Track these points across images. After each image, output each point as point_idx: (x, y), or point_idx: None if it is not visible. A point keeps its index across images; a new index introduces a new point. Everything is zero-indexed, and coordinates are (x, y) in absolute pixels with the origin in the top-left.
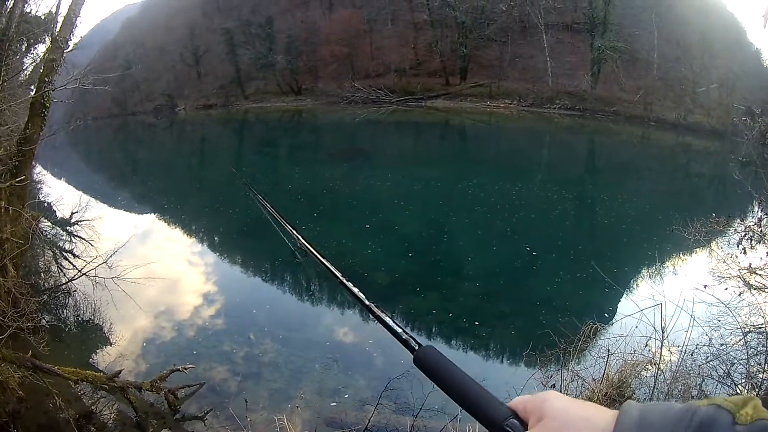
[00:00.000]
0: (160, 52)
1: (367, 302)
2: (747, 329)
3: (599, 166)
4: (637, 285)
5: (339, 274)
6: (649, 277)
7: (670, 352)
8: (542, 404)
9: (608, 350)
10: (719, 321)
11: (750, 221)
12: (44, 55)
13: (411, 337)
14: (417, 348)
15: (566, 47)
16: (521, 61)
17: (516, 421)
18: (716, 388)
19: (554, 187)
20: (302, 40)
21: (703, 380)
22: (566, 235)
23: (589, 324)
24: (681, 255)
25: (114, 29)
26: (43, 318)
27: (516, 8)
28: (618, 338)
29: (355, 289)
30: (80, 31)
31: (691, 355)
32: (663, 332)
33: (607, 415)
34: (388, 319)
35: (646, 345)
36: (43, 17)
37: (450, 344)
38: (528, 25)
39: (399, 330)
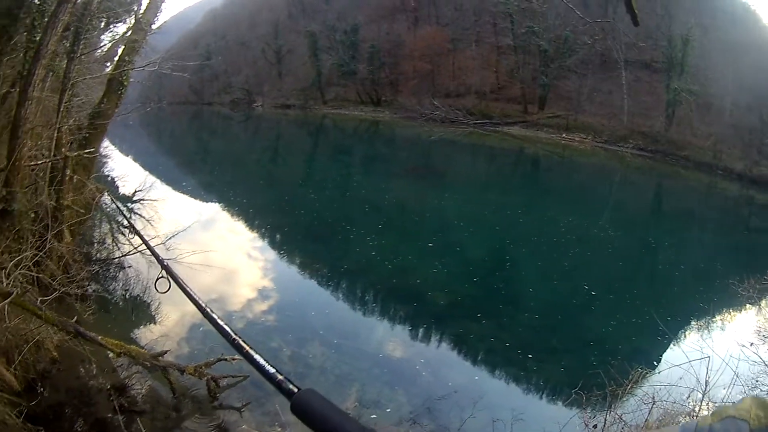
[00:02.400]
0: (241, 47)
1: (234, 336)
2: None
3: (664, 210)
4: (687, 335)
5: (206, 307)
6: (699, 328)
7: (708, 409)
8: None
9: (653, 398)
10: (758, 381)
11: None
12: (124, 34)
13: (288, 380)
14: (296, 392)
15: (643, 86)
16: (599, 96)
17: None
18: None
19: (619, 228)
20: (386, 51)
21: None
22: (625, 278)
23: (638, 369)
24: (732, 310)
25: (196, 18)
26: (92, 287)
27: (599, 42)
28: (663, 386)
29: (221, 322)
30: (163, 16)
31: None
32: (706, 386)
33: None
34: (258, 358)
35: (689, 396)
36: None
37: (496, 374)
38: (608, 60)
39: (272, 371)
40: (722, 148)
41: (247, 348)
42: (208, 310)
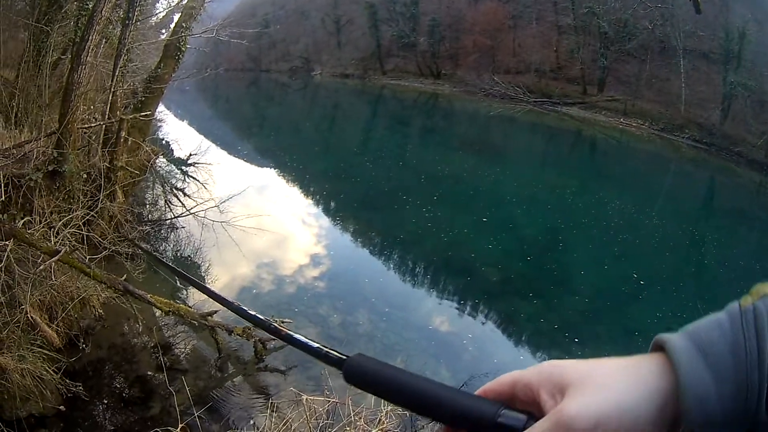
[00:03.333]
0: (300, 16)
1: (270, 322)
2: None
3: (715, 206)
4: None
5: (237, 303)
6: None
7: None
8: (551, 374)
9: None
10: None
11: None
12: (180, 1)
13: (333, 350)
14: (346, 359)
15: (701, 76)
16: (657, 83)
17: (511, 411)
18: None
19: (671, 218)
20: (446, 25)
21: None
22: (674, 270)
23: None
24: None
25: None
26: (144, 247)
27: (658, 27)
28: None
29: (253, 313)
30: None
31: None
32: None
33: (645, 367)
34: (299, 337)
35: None
36: None
37: (540, 356)
38: (667, 47)
39: (316, 345)
40: None
41: (285, 330)
42: (240, 305)
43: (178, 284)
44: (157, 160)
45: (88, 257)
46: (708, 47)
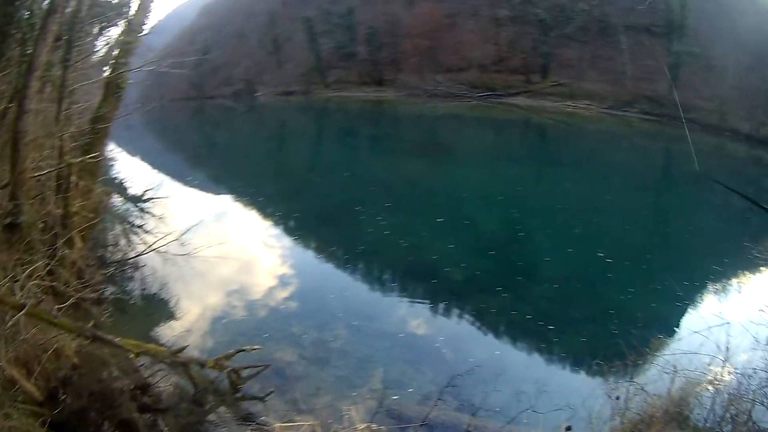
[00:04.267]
0: (239, 39)
1: None
2: None
3: (674, 174)
4: (705, 300)
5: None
6: (718, 293)
7: (730, 374)
8: None
9: (674, 367)
10: None
11: None
12: (118, 37)
13: None
14: None
15: (645, 50)
16: (601, 62)
17: None
18: (764, 415)
19: (630, 193)
20: (384, 31)
21: (754, 406)
22: (640, 244)
23: (657, 338)
24: (748, 273)
25: (191, 15)
26: (108, 290)
27: (596, 8)
28: (684, 354)
29: None
30: (157, 16)
31: (748, 378)
32: (727, 351)
33: None
34: None
35: (709, 364)
36: (115, 2)
37: (517, 347)
38: (607, 26)
39: None
40: (727, 109)
41: None
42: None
43: (149, 321)
44: (111, 201)
45: (55, 307)
46: (649, 21)
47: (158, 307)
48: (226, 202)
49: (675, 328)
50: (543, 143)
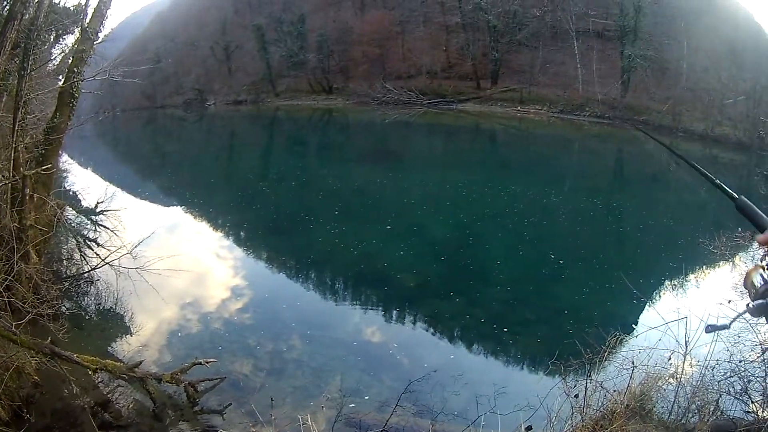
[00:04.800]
0: (190, 47)
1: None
2: (766, 346)
3: (627, 175)
4: (662, 297)
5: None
6: (675, 289)
7: (692, 367)
8: None
9: (632, 362)
10: (739, 337)
11: None
12: (73, 45)
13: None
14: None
15: (597, 54)
16: (552, 67)
17: None
18: (733, 404)
19: (582, 196)
20: (334, 39)
21: (720, 396)
22: (593, 244)
23: (615, 335)
24: (706, 268)
25: (144, 23)
26: (65, 305)
27: (548, 13)
28: (642, 350)
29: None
30: (110, 23)
31: (711, 370)
32: (687, 346)
33: None
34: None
35: (669, 359)
36: (72, 9)
37: (474, 351)
38: (559, 31)
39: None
40: (681, 110)
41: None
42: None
43: (105, 336)
44: (65, 214)
45: (13, 324)
46: (602, 26)
47: (114, 322)
48: (177, 213)
49: (632, 325)
50: (493, 148)
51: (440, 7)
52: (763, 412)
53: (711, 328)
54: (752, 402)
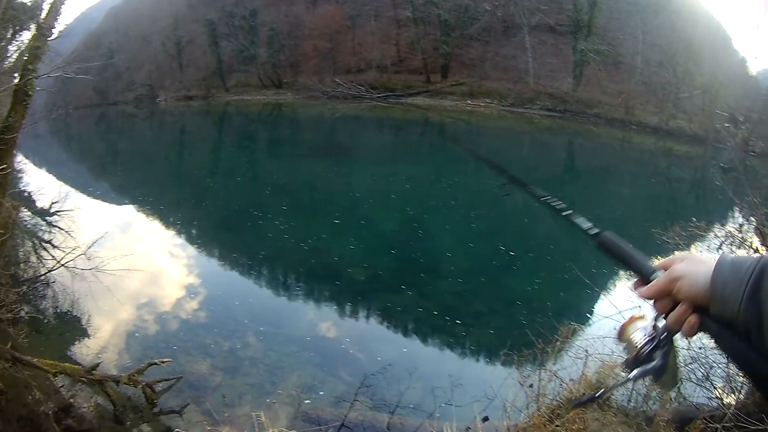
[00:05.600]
0: (142, 42)
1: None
2: None
3: (579, 167)
4: (616, 287)
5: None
6: (628, 279)
7: None
8: (681, 255)
9: (586, 351)
10: None
11: (731, 227)
12: (29, 42)
13: (592, 225)
14: (597, 233)
15: (549, 49)
16: (503, 61)
17: (660, 273)
18: (695, 391)
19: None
20: (285, 33)
21: (682, 383)
22: (544, 236)
23: (567, 324)
24: (660, 259)
25: (98, 18)
26: (23, 309)
27: (500, 8)
28: (596, 339)
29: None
30: (65, 19)
31: None
32: None
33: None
34: (580, 219)
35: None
36: (29, 4)
37: (428, 343)
38: (511, 26)
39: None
40: (634, 104)
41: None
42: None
43: (63, 339)
44: (21, 215)
45: None
46: (555, 20)
47: (72, 325)
48: (129, 211)
49: (586, 315)
50: (442, 141)
51: (391, 2)
52: (726, 398)
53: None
54: (715, 388)
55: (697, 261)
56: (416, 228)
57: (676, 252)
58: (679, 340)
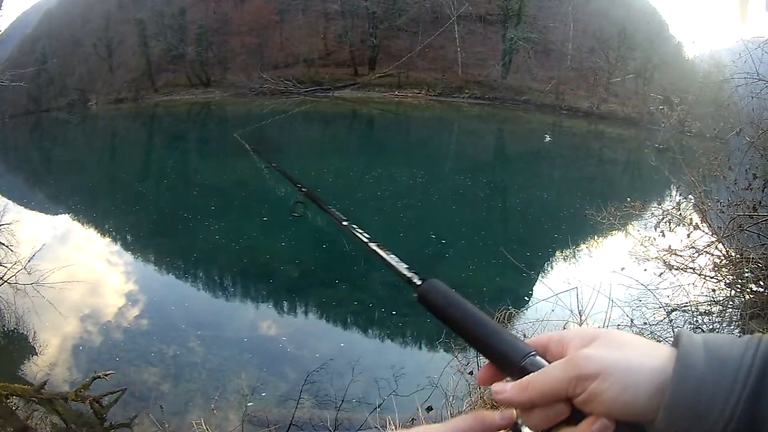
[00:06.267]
0: (74, 45)
1: (370, 244)
2: (671, 308)
3: (509, 153)
4: (551, 270)
5: (343, 220)
6: (564, 261)
7: None
8: (583, 330)
9: (524, 335)
10: (640, 301)
11: (668, 205)
12: None
13: (414, 273)
14: (421, 283)
15: (478, 38)
16: (431, 52)
17: (540, 358)
18: None
19: (463, 176)
20: (213, 30)
21: None
22: (476, 222)
23: (503, 309)
24: (596, 240)
25: (33, 22)
26: None
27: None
28: (534, 322)
29: (358, 232)
30: (1, 24)
31: None
32: (580, 315)
33: (658, 344)
34: (393, 258)
35: (564, 327)
36: None
37: (367, 335)
38: (440, 16)
39: (404, 266)
40: (565, 89)
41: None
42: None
43: (11, 358)
44: None
45: None
46: (484, 10)
47: (18, 342)
48: (64, 221)
49: (523, 299)
50: (370, 133)
51: None
52: None
53: None
54: None
55: (619, 343)
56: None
57: (571, 326)
58: None
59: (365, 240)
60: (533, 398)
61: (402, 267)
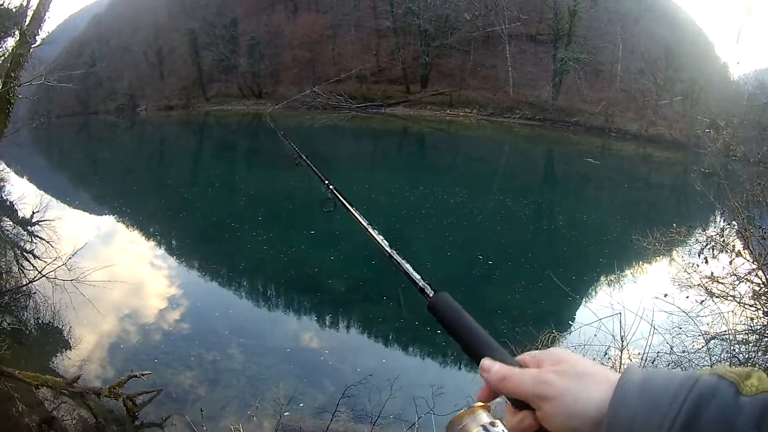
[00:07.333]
0: (124, 51)
1: (388, 250)
2: (710, 336)
3: (558, 175)
4: (595, 294)
5: (365, 223)
6: (608, 286)
7: (631, 360)
8: (556, 353)
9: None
10: (680, 329)
11: (712, 231)
12: (13, 49)
13: (428, 284)
14: (432, 294)
15: (529, 58)
16: (483, 71)
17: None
18: None
19: (512, 197)
20: (265, 43)
21: None
22: (523, 244)
23: (547, 332)
24: (640, 265)
25: (81, 25)
26: (5, 320)
27: (480, 18)
28: (576, 346)
29: (379, 237)
30: (48, 26)
31: (653, 362)
32: (622, 341)
33: (612, 375)
34: (408, 266)
35: (606, 354)
36: (14, 10)
37: (408, 353)
38: (491, 35)
39: (418, 276)
40: (614, 111)
41: (398, 258)
42: (369, 227)
43: (45, 351)
44: (2, 224)
45: None
46: (535, 30)
47: (53, 336)
48: (109, 222)
49: (566, 323)
50: (420, 151)
51: (372, 12)
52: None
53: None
54: None
55: (577, 373)
56: (394, 237)
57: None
58: None
59: (385, 246)
60: (506, 390)
61: (416, 277)
